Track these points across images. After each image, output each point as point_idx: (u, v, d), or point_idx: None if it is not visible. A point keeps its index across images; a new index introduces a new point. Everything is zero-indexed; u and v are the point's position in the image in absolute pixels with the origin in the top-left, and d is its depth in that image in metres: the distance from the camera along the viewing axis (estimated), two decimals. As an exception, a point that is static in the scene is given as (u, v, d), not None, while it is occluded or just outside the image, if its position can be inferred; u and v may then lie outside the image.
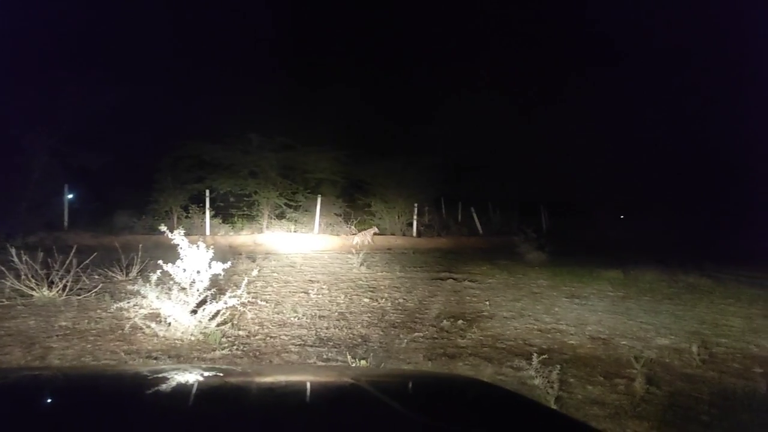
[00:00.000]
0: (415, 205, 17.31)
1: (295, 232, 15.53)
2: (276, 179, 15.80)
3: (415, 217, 17.21)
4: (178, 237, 4.86)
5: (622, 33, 18.71)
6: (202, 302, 4.88)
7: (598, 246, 17.81)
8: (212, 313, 4.77)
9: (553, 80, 17.77)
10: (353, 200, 18.04)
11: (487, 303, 6.88)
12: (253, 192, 15.78)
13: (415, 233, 16.96)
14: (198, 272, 4.88)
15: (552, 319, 6.09)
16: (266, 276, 8.65)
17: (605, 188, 21.92)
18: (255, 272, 8.76)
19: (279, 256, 11.62)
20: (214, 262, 4.98)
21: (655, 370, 4.15)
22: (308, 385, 1.85)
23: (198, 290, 4.83)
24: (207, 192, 14.79)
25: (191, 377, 1.84)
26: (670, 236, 20.17)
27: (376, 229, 15.52)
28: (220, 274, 5.11)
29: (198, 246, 4.92)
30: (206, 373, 2.02)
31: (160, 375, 1.88)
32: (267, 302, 6.41)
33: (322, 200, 16.32)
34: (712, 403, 3.52)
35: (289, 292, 7.33)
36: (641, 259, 11.10)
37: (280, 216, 16.41)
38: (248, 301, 6.34)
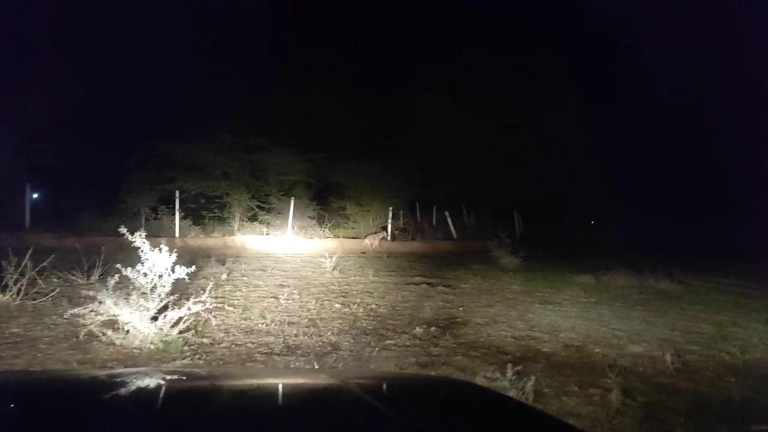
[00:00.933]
0: (390, 208, 17.17)
1: (267, 234, 15.24)
2: (248, 181, 15.50)
3: (389, 220, 17.06)
4: (139, 239, 4.62)
5: (592, 32, 18.83)
6: (164, 308, 4.65)
7: (570, 251, 17.96)
8: (174, 320, 4.55)
9: (527, 85, 17.84)
10: (327, 203, 17.82)
11: (461, 309, 6.79)
12: (225, 193, 15.45)
13: (389, 237, 16.81)
14: (160, 276, 4.65)
15: (525, 325, 6.02)
16: (235, 280, 8.42)
17: (577, 193, 22.15)
18: (224, 276, 8.58)
19: (250, 259, 11.36)
20: (181, 266, 4.76)
21: (630, 380, 4.09)
22: (298, 389, 1.79)
23: (159, 296, 4.60)
24: (177, 193, 14.39)
25: (169, 380, 1.77)
26: (641, 241, 20.47)
27: (385, 234, 15.55)
28: (184, 279, 4.88)
29: (161, 249, 4.68)
30: (186, 377, 1.96)
31: (139, 379, 1.80)
32: (235, 308, 6.19)
33: (295, 203, 16.05)
34: (688, 414, 3.46)
35: (259, 297, 7.11)
36: (612, 265, 11.18)
37: (253, 218, 16.10)
38: (215, 307, 6.14)
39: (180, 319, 4.57)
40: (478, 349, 4.92)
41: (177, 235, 14.03)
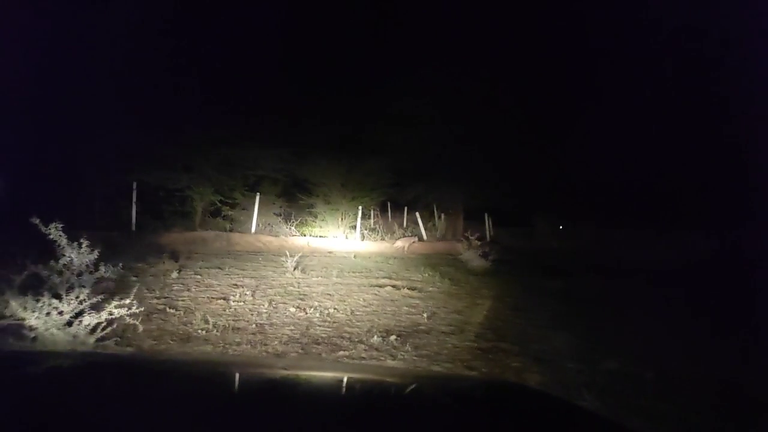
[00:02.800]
0: (360, 207, 16.68)
1: (230, 231, 14.59)
2: (212, 174, 14.80)
3: (359, 220, 16.57)
4: (54, 231, 4.01)
5: (571, 33, 18.56)
6: (87, 311, 4.04)
7: (540, 254, 17.80)
8: (91, 326, 3.94)
9: (498, 87, 17.42)
10: (295, 200, 17.26)
11: (425, 315, 6.31)
12: (186, 187, 14.71)
13: (358, 237, 16.31)
14: (78, 275, 4.05)
15: (494, 335, 5.57)
16: (186, 278, 7.80)
17: (548, 196, 22.02)
18: (174, 274, 7.96)
19: (208, 256, 10.74)
20: (121, 262, 4.21)
21: (608, 403, 3.65)
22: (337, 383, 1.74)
23: (77, 297, 3.99)
24: (134, 185, 13.62)
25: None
26: (613, 246, 20.47)
27: (416, 239, 15.49)
28: (111, 277, 4.29)
29: (80, 243, 4.08)
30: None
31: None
32: (177, 310, 5.60)
33: (261, 199, 15.47)
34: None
35: (208, 298, 6.52)
36: (581, 269, 10.92)
37: (215, 214, 15.46)
38: (155, 309, 5.57)
39: (98, 325, 3.96)
40: (441, 363, 4.44)
41: (134, 229, 13.33)
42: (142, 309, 5.11)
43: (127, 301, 4.04)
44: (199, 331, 4.86)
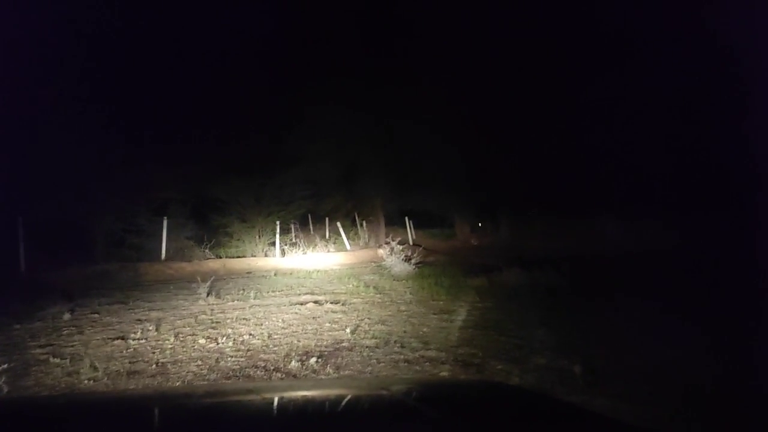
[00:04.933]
0: (277, 222, 16.08)
1: (137, 261, 13.51)
2: (110, 201, 13.65)
3: (277, 236, 15.97)
4: None
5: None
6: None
7: (461, 253, 18.06)
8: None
9: (409, 87, 17.42)
10: (207, 221, 16.38)
11: (348, 330, 5.96)
12: (83, 217, 13.47)
13: (278, 253, 15.71)
14: None
15: (420, 344, 5.32)
16: (81, 319, 6.98)
17: (463, 196, 22.43)
18: (66, 316, 7.11)
19: (110, 291, 9.78)
20: None
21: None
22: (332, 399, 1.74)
23: None
24: (20, 219, 12.26)
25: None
26: (530, 238, 21.16)
27: (393, 243, 15.03)
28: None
29: None
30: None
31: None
32: (63, 359, 4.88)
33: (169, 223, 14.49)
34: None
35: (104, 339, 5.79)
36: (502, 265, 11.03)
37: (119, 243, 14.26)
38: (36, 361, 4.85)
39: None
40: (364, 381, 4.13)
41: (23, 267, 12.00)
42: (15, 364, 4.44)
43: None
44: (87, 381, 4.22)
